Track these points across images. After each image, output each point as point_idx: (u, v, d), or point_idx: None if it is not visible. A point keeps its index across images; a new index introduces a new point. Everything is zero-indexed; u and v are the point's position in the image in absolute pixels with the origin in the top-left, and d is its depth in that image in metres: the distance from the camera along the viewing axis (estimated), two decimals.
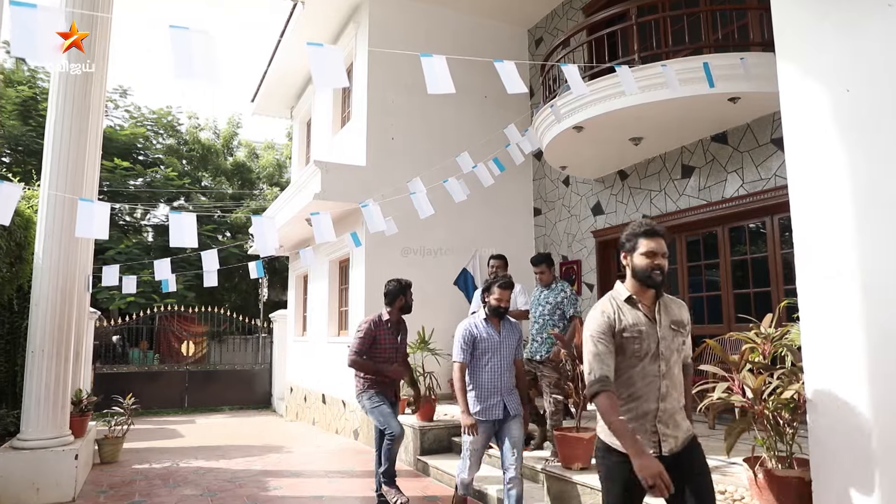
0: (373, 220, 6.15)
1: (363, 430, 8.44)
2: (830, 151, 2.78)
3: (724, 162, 7.02)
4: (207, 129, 22.09)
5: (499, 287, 4.40)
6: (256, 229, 4.83)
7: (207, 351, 16.48)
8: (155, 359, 15.61)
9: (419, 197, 6.03)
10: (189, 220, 4.32)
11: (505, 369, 4.41)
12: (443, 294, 9.34)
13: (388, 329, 5.54)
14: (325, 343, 10.52)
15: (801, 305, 2.84)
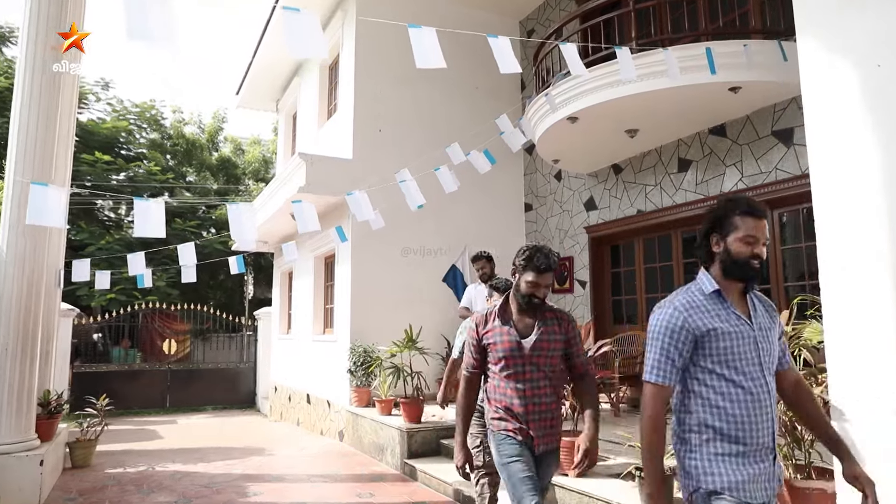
0: (360, 209, 5.86)
1: (348, 431, 8.16)
2: (858, 132, 2.53)
3: (723, 155, 6.80)
4: (192, 124, 21.68)
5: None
6: (233, 218, 4.52)
7: (191, 349, 16.10)
8: (137, 357, 15.21)
9: (409, 185, 5.75)
10: (156, 208, 4.02)
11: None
12: (431, 291, 9.08)
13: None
14: (310, 341, 10.22)
15: (825, 300, 2.59)
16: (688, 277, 7.49)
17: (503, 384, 2.83)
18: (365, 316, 8.52)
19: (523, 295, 2.85)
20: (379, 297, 8.66)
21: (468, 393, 2.97)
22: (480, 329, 2.94)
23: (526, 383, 2.79)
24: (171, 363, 14.31)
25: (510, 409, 2.80)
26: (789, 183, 6.06)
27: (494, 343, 2.86)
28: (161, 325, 15.14)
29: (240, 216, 4.51)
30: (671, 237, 7.66)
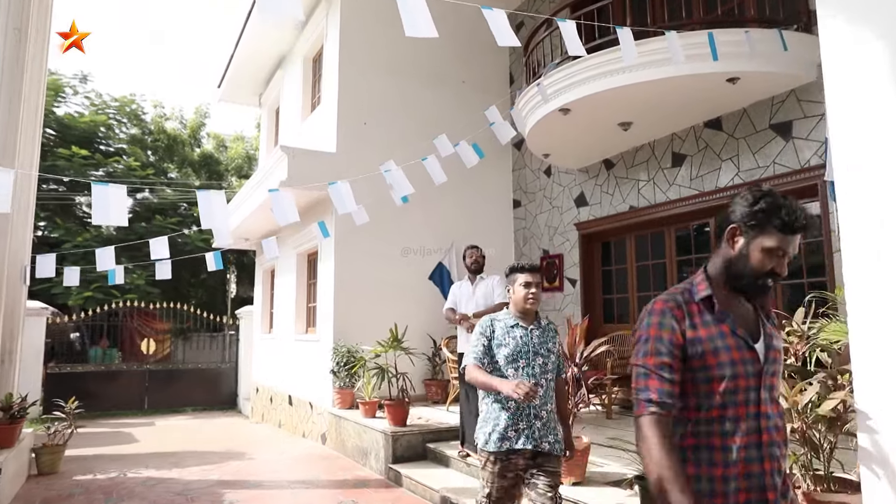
0: (342, 201, 5.57)
1: (331, 434, 7.88)
2: (887, 106, 2.30)
3: (719, 149, 6.60)
4: (174, 119, 21.22)
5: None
6: (203, 205, 4.19)
7: (172, 349, 15.71)
8: (117, 357, 14.79)
9: (394, 175, 5.48)
10: (116, 193, 3.71)
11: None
12: (417, 290, 8.81)
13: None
14: (293, 341, 9.91)
15: (850, 296, 2.36)
16: (682, 276, 7.28)
17: None
18: (348, 315, 8.24)
19: (755, 271, 1.69)
20: (363, 296, 8.39)
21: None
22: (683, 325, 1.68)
23: None
24: (151, 363, 13.91)
25: None
26: (788, 178, 5.87)
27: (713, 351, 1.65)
28: (141, 324, 14.73)
29: (210, 203, 4.19)
30: (664, 234, 7.45)
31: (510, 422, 2.95)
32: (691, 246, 7.21)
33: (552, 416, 3.06)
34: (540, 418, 2.97)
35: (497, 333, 3.07)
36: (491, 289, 5.73)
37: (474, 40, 9.90)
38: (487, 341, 3.06)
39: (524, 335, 3.05)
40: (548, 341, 3.11)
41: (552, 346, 3.12)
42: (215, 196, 4.26)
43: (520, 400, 2.69)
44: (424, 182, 8.97)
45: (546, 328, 3.15)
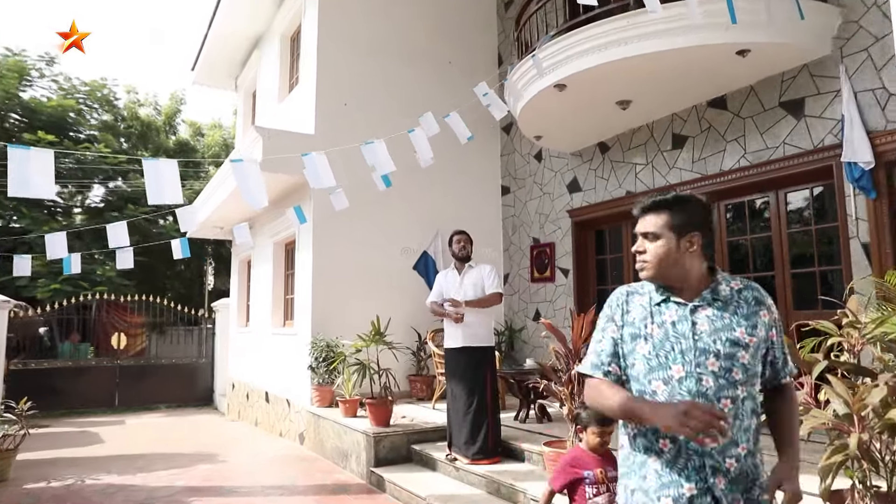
0: (317, 174, 5.05)
1: (309, 433, 7.40)
2: None
3: (723, 130, 6.19)
4: (148, 105, 20.47)
5: None
6: (150, 177, 3.59)
7: (147, 344, 15.10)
8: (90, 352, 14.14)
9: (376, 151, 5.01)
10: (38, 158, 3.17)
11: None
12: (401, 280, 8.35)
13: None
14: (269, 335, 9.41)
15: None
16: None
17: None
18: (327, 307, 7.76)
19: None
20: (343, 287, 7.91)
21: None
22: None
23: None
24: (123, 359, 13.29)
25: None
26: (799, 159, 5.47)
27: None
28: (115, 317, 14.10)
29: (158, 175, 3.60)
30: None
31: (669, 478, 1.65)
32: None
33: (749, 463, 1.67)
34: (724, 472, 1.63)
35: (634, 317, 1.80)
36: (481, 278, 5.28)
37: (461, 19, 9.42)
38: (618, 330, 1.81)
39: (682, 318, 1.72)
40: (737, 324, 1.71)
41: (751, 330, 1.71)
42: (166, 167, 3.68)
43: (695, 440, 1.54)
44: (409, 168, 8.48)
45: (732, 299, 1.74)
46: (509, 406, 6.86)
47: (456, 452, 5.16)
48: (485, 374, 5.11)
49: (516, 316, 8.82)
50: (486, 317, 5.24)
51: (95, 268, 16.28)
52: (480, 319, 5.17)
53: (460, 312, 5.03)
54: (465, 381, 5.11)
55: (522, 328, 8.67)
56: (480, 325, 5.16)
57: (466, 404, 5.07)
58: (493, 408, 5.10)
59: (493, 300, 5.20)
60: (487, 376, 5.11)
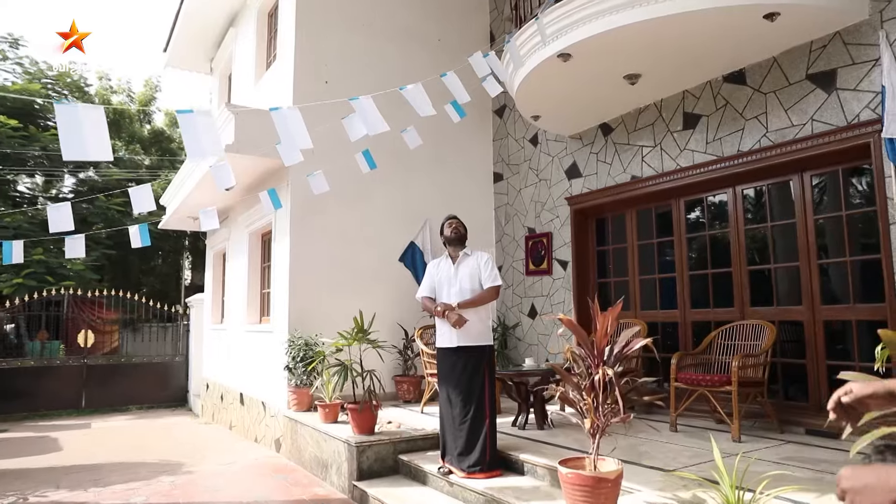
0: (289, 134, 4.38)
1: (286, 440, 6.76)
2: None
3: (741, 107, 5.64)
4: (121, 92, 19.60)
5: None
6: (64, 125, 2.73)
7: (120, 342, 14.31)
8: (60, 351, 13.30)
9: (364, 108, 4.40)
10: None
11: None
12: (386, 272, 7.74)
13: None
14: (244, 332, 8.74)
15: None
16: (691, 256, 6.35)
17: None
18: (306, 302, 7.12)
19: None
20: (323, 280, 7.27)
21: None
22: None
23: None
24: (92, 357, 12.51)
25: None
26: (831, 136, 4.92)
27: None
28: (86, 314, 13.30)
29: (74, 121, 2.74)
30: (672, 207, 6.49)
31: None
32: (704, 220, 6.26)
33: None
34: None
35: None
36: (478, 268, 4.68)
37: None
38: None
39: None
40: None
41: None
42: (87, 112, 2.89)
43: None
44: (394, 154, 7.87)
45: None
46: (504, 410, 6.29)
47: (450, 464, 4.56)
48: (483, 377, 4.51)
49: (510, 312, 8.23)
50: (484, 312, 4.65)
51: (63, 261, 15.48)
52: (477, 315, 4.58)
53: (462, 320, 4.45)
54: (461, 385, 4.51)
55: (517, 325, 8.10)
56: (477, 322, 4.56)
57: (462, 410, 4.48)
58: (493, 414, 4.51)
59: (489, 296, 4.61)
60: (486, 379, 4.51)
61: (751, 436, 4.93)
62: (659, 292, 6.60)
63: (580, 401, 2.94)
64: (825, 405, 5.18)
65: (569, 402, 3.02)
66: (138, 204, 4.49)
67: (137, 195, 4.50)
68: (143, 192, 4.50)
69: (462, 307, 4.51)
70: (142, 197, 4.50)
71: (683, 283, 6.31)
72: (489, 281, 4.60)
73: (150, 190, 4.53)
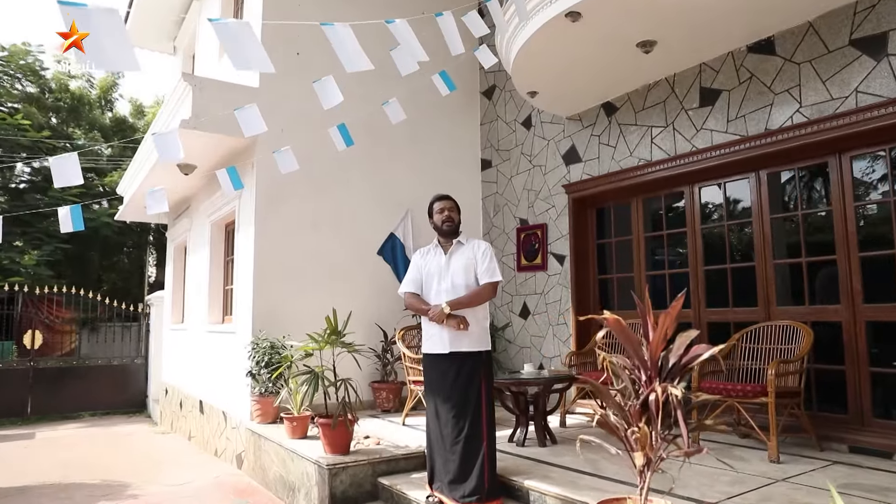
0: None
1: (249, 456, 5.94)
2: None
3: (770, 80, 4.97)
4: (80, 77, 18.45)
5: None
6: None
7: (78, 342, 13.27)
8: (13, 352, 12.20)
9: (341, 37, 3.65)
10: None
11: None
12: (363, 266, 6.97)
13: None
14: (205, 333, 7.89)
15: None
16: (707, 244, 5.68)
17: None
18: (273, 299, 6.31)
19: None
20: (292, 275, 6.47)
21: None
22: None
23: None
24: (48, 359, 11.50)
25: None
26: (878, 111, 4.27)
27: None
28: (42, 313, 12.24)
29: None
30: (685, 195, 5.82)
31: None
32: (723, 208, 5.59)
33: None
34: None
35: None
36: (474, 259, 3.92)
37: None
38: None
39: None
40: None
41: None
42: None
43: None
44: (373, 137, 7.09)
45: None
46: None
47: (440, 493, 3.80)
48: (479, 388, 3.76)
49: (499, 311, 7.49)
50: (481, 312, 3.90)
51: (14, 256, 14.39)
52: (474, 316, 3.84)
53: (465, 322, 3.72)
54: (453, 397, 3.75)
55: (507, 325, 7.37)
56: (473, 324, 3.81)
57: (455, 429, 3.72)
58: (492, 433, 3.77)
59: (485, 294, 3.86)
60: (483, 390, 3.77)
61: (787, 454, 4.26)
62: (669, 290, 5.92)
63: (624, 427, 2.21)
64: (870, 418, 4.60)
65: (609, 428, 2.29)
66: (61, 176, 3.68)
67: (60, 166, 3.68)
68: (67, 163, 3.68)
69: (453, 307, 3.76)
70: (65, 168, 3.68)
71: (698, 279, 5.63)
72: (487, 276, 3.85)
73: (77, 160, 3.70)
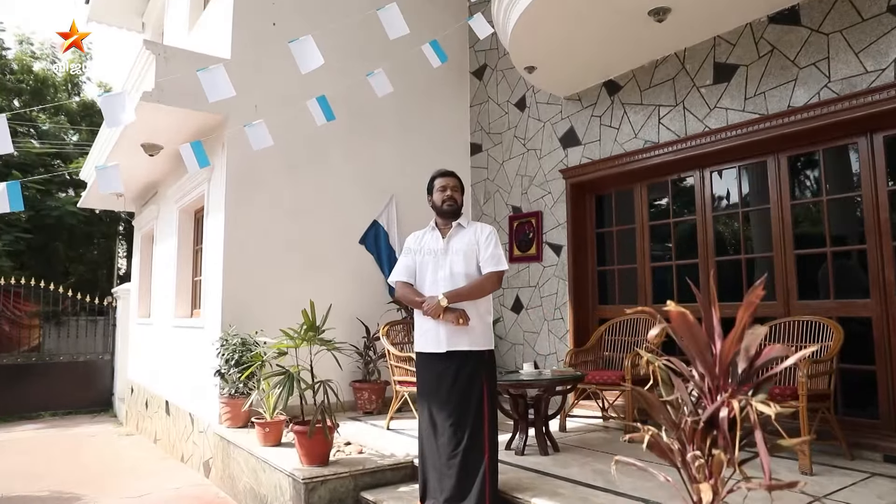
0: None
1: (217, 463, 5.40)
2: None
3: (794, 53, 4.54)
4: (44, 59, 17.57)
5: None
6: None
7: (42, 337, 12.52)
8: None
9: None
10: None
11: None
12: (343, 256, 6.45)
13: None
14: (172, 328, 7.30)
15: None
16: (718, 233, 5.26)
17: None
18: (245, 291, 5.77)
19: None
20: (266, 265, 5.93)
21: None
22: None
23: None
24: (5, 356, 10.78)
25: None
26: None
27: None
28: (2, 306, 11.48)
29: None
30: (695, 179, 5.38)
31: None
32: (737, 193, 5.15)
33: None
34: None
35: None
36: (476, 244, 3.42)
37: None
38: None
39: None
40: None
41: None
42: None
43: None
44: (354, 118, 6.56)
45: None
46: None
47: None
48: (480, 393, 3.27)
49: None
50: (484, 306, 3.40)
51: None
52: (476, 310, 3.34)
53: (465, 317, 3.23)
54: (451, 404, 3.26)
55: (498, 320, 6.89)
56: (475, 319, 3.32)
57: (452, 440, 3.22)
58: (494, 445, 3.28)
59: (488, 286, 3.36)
60: (485, 396, 3.27)
61: (819, 464, 3.84)
62: (676, 282, 5.48)
63: (680, 450, 1.73)
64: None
65: (663, 452, 1.80)
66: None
67: None
68: None
69: (451, 299, 3.26)
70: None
71: (708, 270, 5.20)
72: (490, 264, 3.35)
73: (5, 124, 3.13)
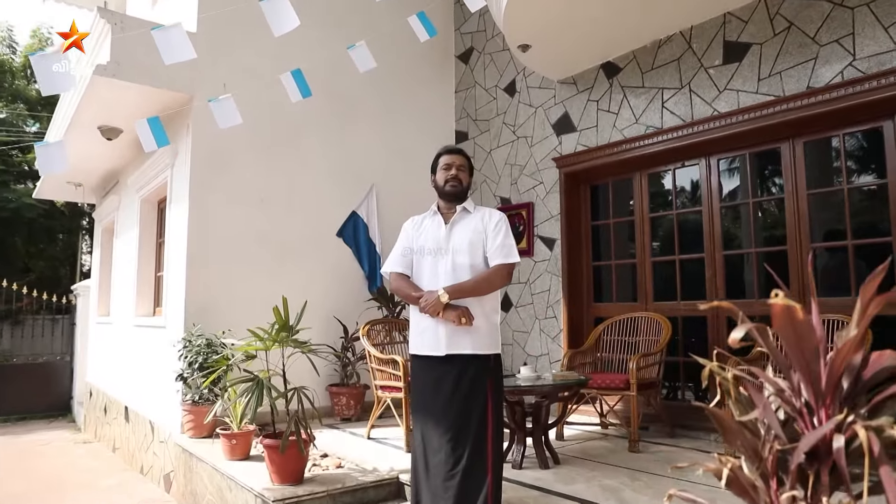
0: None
1: (179, 477, 4.88)
2: None
3: (814, 29, 4.19)
4: (1, 43, 16.69)
5: None
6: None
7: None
8: None
9: None
10: None
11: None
12: (319, 250, 5.97)
13: None
14: (132, 327, 6.73)
15: None
16: (725, 227, 4.90)
17: None
18: (211, 288, 5.25)
19: None
20: (234, 259, 5.42)
21: None
22: None
23: None
24: None
25: None
26: None
27: None
28: None
29: None
30: (701, 168, 5.01)
31: None
32: (748, 183, 4.80)
33: None
34: None
35: None
36: (483, 232, 2.96)
37: None
38: None
39: None
40: None
41: None
42: None
43: None
44: (332, 102, 6.10)
45: None
46: None
47: None
48: (484, 404, 2.82)
49: None
50: (490, 304, 2.95)
51: None
52: (481, 308, 2.89)
53: (469, 316, 2.78)
54: (449, 416, 2.81)
55: None
56: (480, 318, 2.87)
57: (450, 457, 2.78)
58: (498, 463, 2.84)
59: (497, 280, 2.91)
60: (489, 407, 2.83)
61: None
62: (680, 278, 5.11)
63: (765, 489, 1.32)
64: None
65: (743, 489, 1.39)
66: None
67: None
68: None
69: (453, 295, 2.82)
70: None
71: (715, 266, 4.84)
72: (500, 255, 2.90)
73: None
